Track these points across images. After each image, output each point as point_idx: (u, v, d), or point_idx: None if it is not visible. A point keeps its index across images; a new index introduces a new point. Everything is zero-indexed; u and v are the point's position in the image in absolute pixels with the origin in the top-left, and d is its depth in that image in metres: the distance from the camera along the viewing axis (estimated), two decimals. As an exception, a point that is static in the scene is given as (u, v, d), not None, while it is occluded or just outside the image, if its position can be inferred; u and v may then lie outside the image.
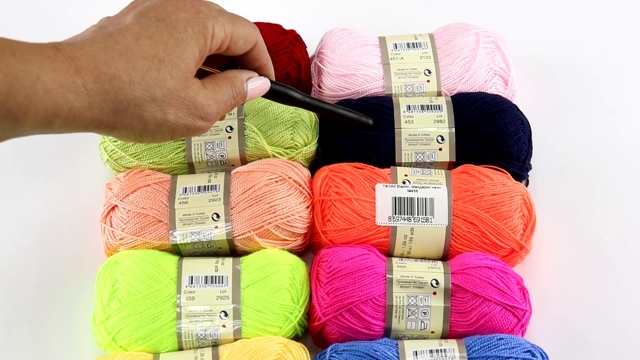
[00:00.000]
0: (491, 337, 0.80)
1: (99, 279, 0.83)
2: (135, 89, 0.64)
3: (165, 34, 0.66)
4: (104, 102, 0.63)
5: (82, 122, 0.63)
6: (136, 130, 0.66)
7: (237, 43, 0.72)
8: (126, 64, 0.63)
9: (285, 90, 0.82)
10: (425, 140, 0.90)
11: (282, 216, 0.85)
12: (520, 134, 0.90)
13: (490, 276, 0.82)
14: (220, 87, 0.71)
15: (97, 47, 0.63)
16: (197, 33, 0.68)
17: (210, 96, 0.69)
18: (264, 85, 0.77)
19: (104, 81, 0.62)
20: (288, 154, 0.90)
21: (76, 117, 0.62)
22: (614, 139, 1.00)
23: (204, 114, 0.69)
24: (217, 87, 0.71)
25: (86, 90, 0.61)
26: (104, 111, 0.63)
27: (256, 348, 0.79)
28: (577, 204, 0.95)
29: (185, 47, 0.67)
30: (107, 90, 0.63)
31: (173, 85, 0.66)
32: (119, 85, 0.63)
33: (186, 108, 0.67)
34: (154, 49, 0.65)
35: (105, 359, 0.80)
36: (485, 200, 0.86)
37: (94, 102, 0.62)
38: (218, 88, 0.71)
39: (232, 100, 0.73)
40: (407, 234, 0.85)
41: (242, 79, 0.74)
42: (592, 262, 0.92)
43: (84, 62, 0.62)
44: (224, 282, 0.83)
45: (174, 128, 0.68)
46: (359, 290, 0.81)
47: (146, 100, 0.64)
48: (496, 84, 0.95)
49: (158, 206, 0.86)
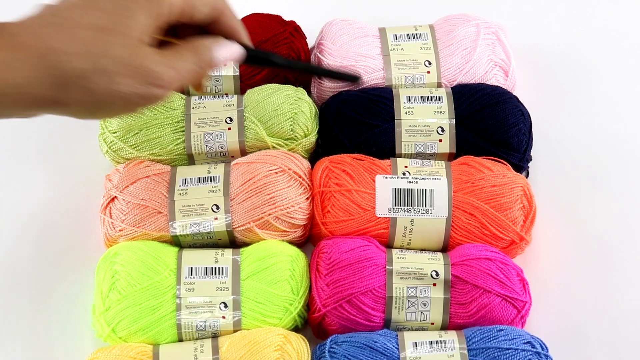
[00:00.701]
0: (491, 328, 0.80)
1: (99, 270, 0.83)
2: (81, 61, 0.61)
3: (112, 3, 0.64)
4: (49, 77, 0.61)
5: (31, 100, 0.61)
6: (88, 104, 0.64)
7: (197, 8, 0.69)
8: (69, 37, 0.61)
9: (264, 55, 0.76)
10: (425, 131, 0.90)
11: (281, 207, 0.85)
12: (521, 125, 0.90)
13: (490, 267, 0.82)
14: (181, 55, 0.68)
15: (39, 22, 0.62)
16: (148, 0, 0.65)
17: (165, 62, 0.66)
18: (234, 49, 0.72)
19: (48, 56, 0.60)
20: (288, 145, 0.90)
21: (23, 95, 0.60)
22: (614, 130, 1.00)
23: (159, 81, 0.65)
24: (177, 55, 0.68)
25: (31, 66, 0.60)
26: (51, 87, 0.61)
27: (256, 339, 0.79)
28: (577, 195, 0.95)
29: (133, 15, 0.64)
30: (52, 65, 0.61)
31: (121, 54, 0.63)
32: (63, 59, 0.61)
33: (138, 76, 0.64)
34: (99, 19, 0.63)
35: (105, 351, 0.80)
36: (485, 191, 0.85)
37: (39, 78, 0.60)
38: (178, 55, 0.68)
39: (196, 67, 0.69)
40: (407, 225, 0.85)
41: (207, 45, 0.70)
42: (592, 253, 0.92)
43: (26, 38, 0.60)
44: (223, 274, 0.82)
45: (126, 98, 0.64)
46: (359, 282, 0.81)
47: (93, 71, 0.62)
48: (496, 75, 0.95)
49: (158, 197, 0.86)
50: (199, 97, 0.92)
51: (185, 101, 0.92)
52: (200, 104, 0.91)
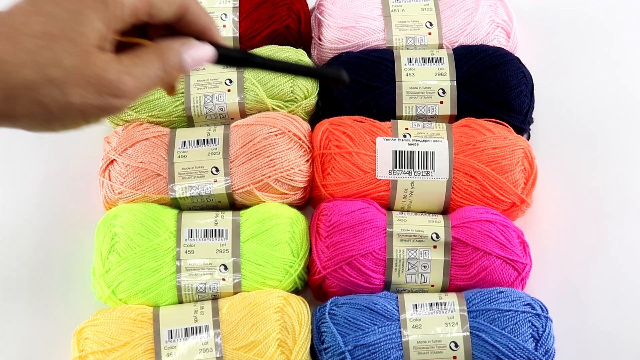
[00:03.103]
0: (491, 290, 0.80)
1: (98, 232, 0.83)
2: (26, 72, 0.57)
3: (59, 9, 0.59)
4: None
5: None
6: (39, 117, 0.59)
7: (158, 7, 0.63)
8: (13, 46, 0.57)
9: (239, 55, 0.70)
10: (426, 93, 0.89)
11: (281, 170, 0.85)
12: (522, 87, 0.89)
13: (490, 230, 0.82)
14: (142, 60, 0.63)
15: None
16: (97, 2, 0.60)
17: (123, 70, 0.61)
18: (204, 51, 0.66)
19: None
20: (288, 107, 0.89)
21: None
22: (616, 92, 0.99)
23: (115, 90, 0.60)
24: (137, 60, 0.62)
25: None
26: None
27: (256, 301, 0.79)
28: (578, 157, 0.95)
29: (83, 20, 0.59)
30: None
31: (71, 63, 0.58)
32: (6, 69, 0.56)
33: (92, 86, 0.59)
34: (44, 26, 0.58)
35: (105, 312, 0.81)
36: (487, 153, 0.85)
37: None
38: (139, 61, 0.62)
39: (161, 72, 0.64)
40: (408, 187, 0.85)
41: (174, 48, 0.64)
42: (592, 216, 0.92)
43: None
44: (223, 236, 0.82)
45: (82, 110, 0.60)
46: (359, 244, 0.81)
47: (41, 82, 0.57)
48: (498, 37, 0.94)
49: (157, 160, 0.86)
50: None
51: (184, 63, 0.91)
52: (200, 65, 0.91)
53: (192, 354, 0.78)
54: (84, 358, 0.78)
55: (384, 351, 0.77)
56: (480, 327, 0.77)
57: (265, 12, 0.93)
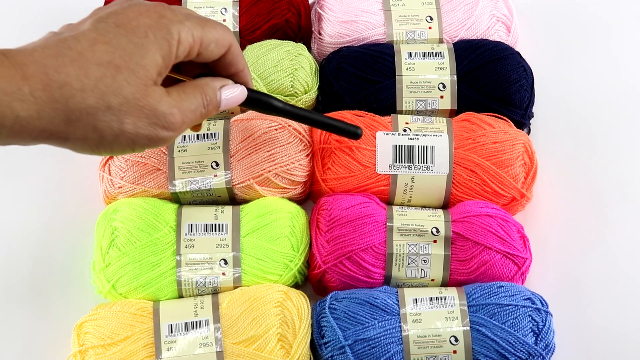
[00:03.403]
0: (491, 284, 0.80)
1: (98, 226, 0.83)
2: (88, 97, 0.59)
3: (124, 40, 0.62)
4: (53, 111, 0.59)
5: (30, 132, 0.59)
6: (92, 141, 0.62)
7: (207, 48, 0.68)
8: (78, 71, 0.59)
9: (266, 99, 0.76)
10: (426, 87, 0.89)
11: (281, 164, 0.85)
12: (523, 81, 0.89)
13: (490, 224, 0.82)
14: (187, 95, 0.67)
15: (47, 53, 0.59)
16: (160, 39, 0.63)
17: (174, 104, 0.65)
18: (239, 94, 0.72)
19: (53, 89, 0.58)
20: (288, 101, 0.89)
21: (23, 127, 0.58)
22: (617, 86, 0.99)
23: (166, 123, 0.64)
24: (183, 95, 0.66)
25: (34, 99, 0.57)
26: (54, 121, 0.59)
27: (256, 296, 0.79)
28: (578, 152, 0.95)
29: (145, 53, 0.62)
30: (57, 99, 0.58)
31: (130, 93, 0.61)
32: (69, 93, 0.59)
33: (146, 117, 0.63)
34: (109, 55, 0.61)
35: (106, 307, 0.81)
36: (487, 148, 0.85)
37: (42, 112, 0.58)
38: (185, 96, 0.66)
39: (202, 109, 0.68)
40: (408, 182, 0.85)
41: (214, 87, 0.70)
42: (592, 210, 0.92)
43: (32, 69, 0.58)
44: (223, 230, 0.82)
45: (133, 139, 0.63)
46: (359, 238, 0.81)
47: (100, 109, 0.60)
48: (499, 31, 0.94)
49: (157, 154, 0.85)
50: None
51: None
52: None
53: (192, 349, 0.78)
54: (84, 352, 0.78)
55: (384, 345, 0.77)
56: (481, 322, 0.77)
57: (265, 6, 0.93)
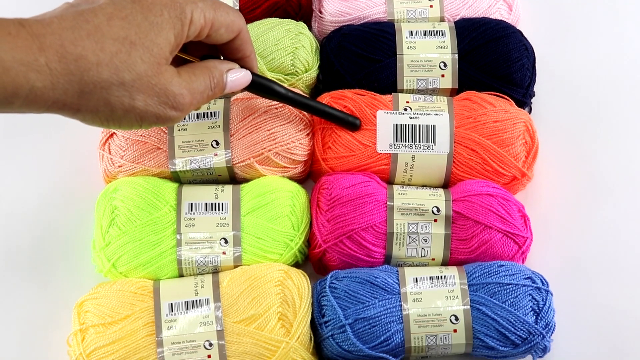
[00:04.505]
0: (492, 264, 0.80)
1: (99, 205, 0.83)
2: (103, 71, 0.60)
3: (140, 16, 0.63)
4: (68, 83, 0.59)
5: (44, 102, 0.59)
6: (102, 114, 0.63)
7: (218, 31, 0.69)
8: (94, 45, 0.60)
9: (268, 84, 0.78)
10: (427, 66, 0.89)
11: (282, 143, 0.84)
12: (524, 60, 0.89)
13: (491, 203, 0.81)
14: (197, 77, 0.68)
15: (65, 25, 0.60)
16: (174, 17, 0.64)
17: (184, 85, 0.66)
18: (245, 78, 0.73)
19: (69, 61, 0.59)
20: (288, 80, 0.89)
21: (38, 98, 0.59)
22: (618, 66, 0.98)
23: (175, 103, 0.65)
24: (193, 77, 0.67)
25: (49, 70, 0.58)
26: (67, 92, 0.60)
27: (256, 275, 0.79)
28: (580, 131, 0.95)
29: (160, 31, 0.63)
30: (72, 71, 0.59)
31: (144, 70, 0.62)
32: (85, 66, 0.60)
33: (156, 95, 0.64)
34: (125, 31, 0.62)
35: (106, 285, 0.81)
36: (488, 127, 0.85)
37: (57, 83, 0.59)
38: (195, 77, 0.68)
39: (209, 91, 0.69)
40: (409, 161, 0.85)
41: (221, 70, 0.71)
42: (593, 190, 0.92)
43: (49, 40, 0.58)
44: (224, 209, 0.82)
45: (142, 115, 0.64)
46: (360, 218, 0.81)
47: (114, 83, 0.61)
48: (500, 9, 0.93)
49: (157, 133, 0.85)
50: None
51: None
52: (199, 38, 0.90)
53: (193, 327, 0.78)
54: (84, 331, 0.78)
55: (384, 324, 0.77)
56: (481, 301, 0.77)
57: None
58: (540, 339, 0.77)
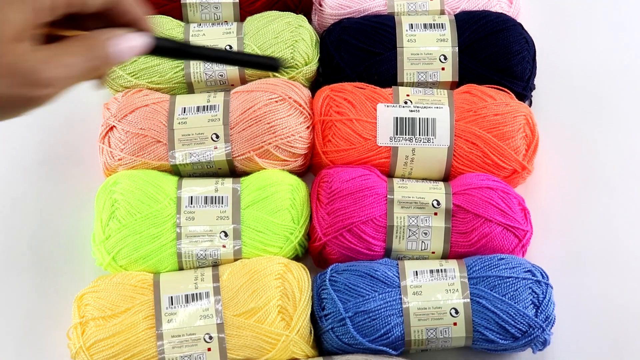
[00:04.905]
0: (492, 257, 0.80)
1: (98, 199, 0.83)
2: None
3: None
4: None
5: None
6: None
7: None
8: None
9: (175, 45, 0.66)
10: (427, 59, 0.88)
11: (282, 136, 0.84)
12: (525, 53, 0.88)
13: (491, 197, 0.81)
14: (68, 48, 0.61)
15: None
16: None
17: (46, 59, 0.59)
18: (135, 42, 0.64)
19: None
20: (288, 73, 0.89)
21: None
22: (618, 59, 0.98)
23: (34, 79, 0.58)
24: (63, 49, 0.61)
25: None
26: None
27: (256, 268, 0.79)
28: (580, 124, 0.95)
29: (4, 13, 0.58)
30: None
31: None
32: None
33: (9, 76, 0.58)
34: None
35: (106, 278, 0.81)
36: (488, 120, 0.85)
37: None
38: (65, 49, 0.61)
39: (89, 63, 0.62)
40: (409, 154, 0.85)
41: (101, 39, 0.63)
42: (593, 183, 0.92)
43: None
44: (224, 203, 0.82)
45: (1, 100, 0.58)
46: (360, 211, 0.81)
47: None
48: (500, 2, 0.93)
49: (157, 126, 0.85)
50: (198, 25, 0.91)
51: (184, 29, 0.90)
52: (200, 31, 0.90)
53: (193, 320, 0.78)
54: (84, 324, 0.78)
55: (384, 317, 0.77)
56: (481, 294, 0.77)
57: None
58: (540, 332, 0.77)
